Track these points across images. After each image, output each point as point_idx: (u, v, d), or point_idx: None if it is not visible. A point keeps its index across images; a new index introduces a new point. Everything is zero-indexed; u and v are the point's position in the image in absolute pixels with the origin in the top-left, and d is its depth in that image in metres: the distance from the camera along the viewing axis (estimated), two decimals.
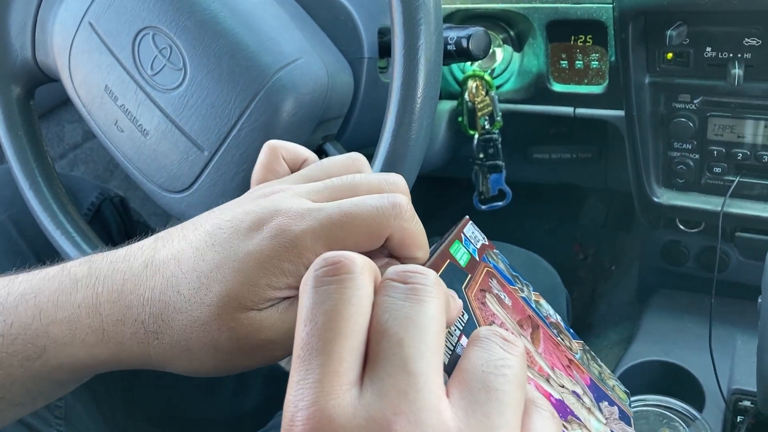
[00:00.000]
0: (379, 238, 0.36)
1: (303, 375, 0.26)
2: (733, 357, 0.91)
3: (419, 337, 0.27)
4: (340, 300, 0.27)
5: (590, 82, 0.87)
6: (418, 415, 0.25)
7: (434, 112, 0.56)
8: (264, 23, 0.61)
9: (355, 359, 0.27)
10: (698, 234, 0.97)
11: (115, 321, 0.38)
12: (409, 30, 0.53)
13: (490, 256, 0.45)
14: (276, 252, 0.35)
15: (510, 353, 0.29)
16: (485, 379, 0.27)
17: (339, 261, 0.29)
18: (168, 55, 0.60)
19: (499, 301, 0.41)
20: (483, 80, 0.89)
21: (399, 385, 0.26)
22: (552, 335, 0.44)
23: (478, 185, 0.95)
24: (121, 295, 0.38)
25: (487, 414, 0.26)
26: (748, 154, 0.82)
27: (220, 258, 0.36)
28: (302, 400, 0.26)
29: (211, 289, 0.36)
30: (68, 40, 0.65)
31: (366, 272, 0.29)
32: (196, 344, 0.37)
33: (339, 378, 0.26)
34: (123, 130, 0.64)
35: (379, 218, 0.36)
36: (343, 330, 0.27)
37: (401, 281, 0.29)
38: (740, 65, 0.74)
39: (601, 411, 0.42)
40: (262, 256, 0.36)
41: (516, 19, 0.87)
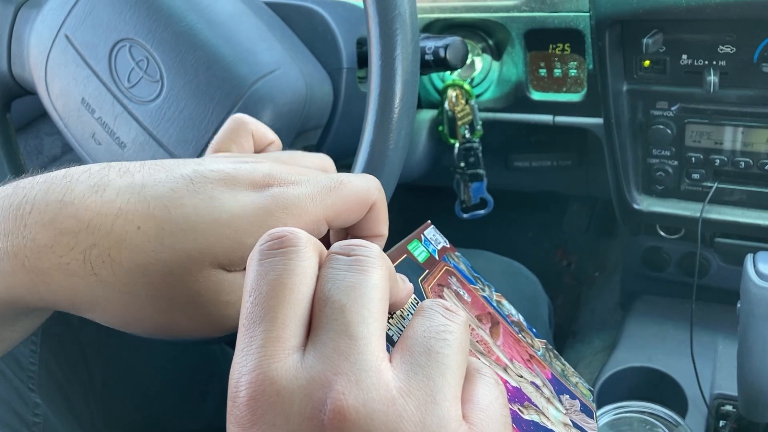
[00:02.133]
0: (366, 206, 0.38)
1: (247, 342, 0.27)
2: (714, 362, 0.91)
3: (361, 303, 0.28)
4: (284, 270, 0.28)
5: (569, 90, 0.88)
6: (359, 375, 0.26)
7: (412, 122, 0.56)
8: (241, 34, 0.61)
9: (297, 326, 0.27)
10: (679, 240, 0.97)
11: (42, 246, 0.32)
12: (385, 40, 0.53)
13: (451, 257, 0.46)
14: (275, 212, 0.35)
15: (451, 320, 0.30)
16: (426, 344, 0.28)
17: (284, 235, 0.29)
18: (145, 67, 0.60)
19: (457, 296, 0.41)
20: (463, 89, 0.89)
21: (340, 347, 0.26)
22: (513, 332, 0.44)
23: (460, 194, 0.95)
24: (56, 217, 0.32)
25: (428, 375, 0.27)
26: (725, 161, 0.82)
27: (205, 206, 0.34)
28: (245, 365, 0.26)
29: (187, 236, 0.33)
30: (44, 52, 0.64)
31: (310, 246, 0.29)
32: (146, 291, 0.33)
33: (281, 343, 0.27)
34: (100, 143, 0.63)
35: (368, 188, 0.38)
36: (286, 298, 0.27)
37: (345, 254, 0.29)
38: (716, 72, 0.75)
39: (561, 402, 0.42)
40: (259, 213, 0.34)
41: (494, 28, 0.87)
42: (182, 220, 0.33)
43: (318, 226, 0.36)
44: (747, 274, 0.66)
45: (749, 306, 0.65)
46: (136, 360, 0.81)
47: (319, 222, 0.36)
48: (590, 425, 0.43)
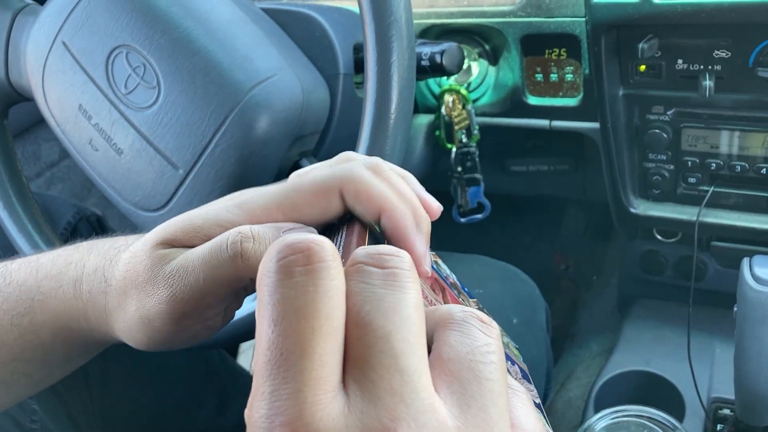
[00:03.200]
0: (331, 191, 0.36)
1: (278, 384, 0.22)
2: (712, 366, 0.92)
3: (406, 329, 0.24)
4: (316, 294, 0.24)
5: (565, 95, 0.88)
6: (419, 420, 0.22)
7: (409, 128, 0.56)
8: (238, 41, 0.61)
9: (337, 361, 0.23)
10: (675, 244, 0.98)
11: (92, 270, 0.40)
12: (381, 46, 0.53)
13: None
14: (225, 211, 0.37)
15: (490, 336, 0.26)
16: (473, 368, 0.25)
17: (308, 247, 0.25)
18: (142, 73, 0.60)
19: None
20: (459, 94, 0.89)
21: (393, 386, 0.23)
22: (455, 296, 0.44)
23: (457, 198, 0.95)
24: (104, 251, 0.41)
25: (482, 407, 0.24)
26: (721, 164, 0.83)
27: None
28: (281, 414, 0.22)
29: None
30: (41, 59, 0.64)
31: (338, 258, 0.25)
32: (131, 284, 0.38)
33: (323, 384, 0.23)
34: (97, 149, 0.63)
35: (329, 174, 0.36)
36: (324, 328, 0.23)
37: (377, 265, 0.26)
38: (711, 77, 0.75)
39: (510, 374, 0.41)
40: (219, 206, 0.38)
41: (491, 33, 0.88)
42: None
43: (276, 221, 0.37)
44: (743, 278, 0.66)
45: (745, 310, 0.65)
46: (134, 366, 0.81)
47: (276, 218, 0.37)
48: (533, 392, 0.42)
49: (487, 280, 0.85)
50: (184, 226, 0.38)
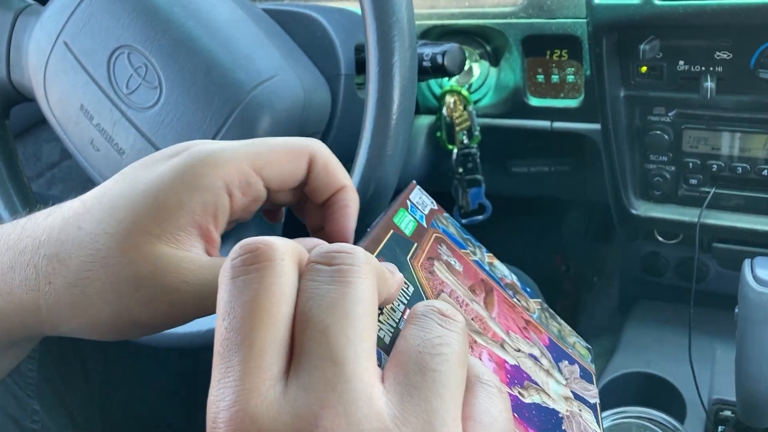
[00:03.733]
0: (300, 156, 0.36)
1: (223, 372, 0.24)
2: (713, 367, 0.91)
3: (346, 322, 0.25)
4: (259, 289, 0.25)
5: (566, 96, 0.88)
6: (348, 407, 0.24)
7: (410, 128, 0.56)
8: (239, 41, 0.62)
9: (277, 352, 0.25)
10: (677, 245, 0.97)
11: (6, 269, 0.35)
12: (383, 47, 0.53)
13: (439, 221, 0.44)
14: (190, 168, 0.33)
15: (448, 329, 0.27)
16: (421, 360, 0.26)
17: (257, 248, 0.26)
18: (143, 73, 0.60)
19: (448, 267, 0.40)
20: (461, 95, 0.89)
21: (326, 376, 0.24)
22: (507, 297, 0.43)
23: (458, 199, 0.95)
24: (17, 241, 0.35)
25: (424, 398, 0.25)
26: (723, 166, 0.83)
27: (126, 186, 0.34)
28: (223, 399, 0.24)
29: (114, 216, 0.33)
30: (43, 59, 0.64)
31: (288, 257, 0.27)
32: (93, 284, 0.33)
33: (261, 373, 0.24)
34: (99, 149, 0.63)
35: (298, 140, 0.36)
36: (264, 321, 0.25)
37: (326, 263, 0.27)
38: (712, 78, 0.75)
39: (560, 371, 0.41)
40: (173, 173, 0.33)
41: (492, 34, 0.88)
42: (109, 205, 0.34)
43: (246, 177, 0.35)
44: (745, 280, 0.66)
45: (747, 311, 0.65)
46: (135, 367, 0.81)
47: (247, 173, 0.34)
48: (590, 392, 0.42)
49: None
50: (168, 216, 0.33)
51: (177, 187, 0.33)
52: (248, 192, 0.35)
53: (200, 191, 0.33)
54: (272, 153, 0.35)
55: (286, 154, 0.35)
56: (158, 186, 0.33)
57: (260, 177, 0.35)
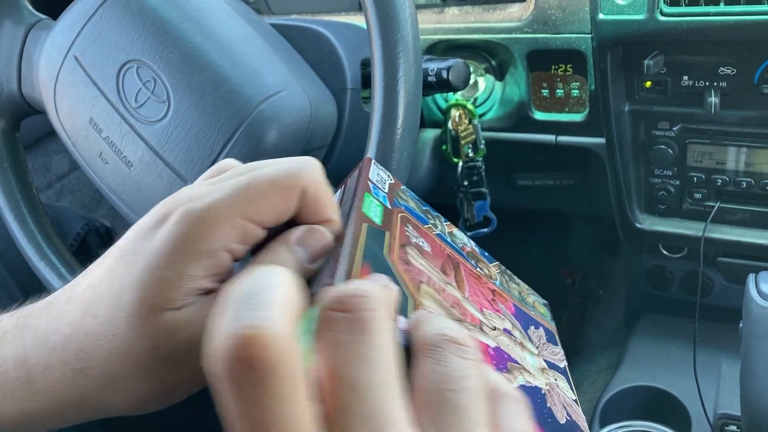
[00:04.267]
0: (293, 191, 0.34)
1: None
2: (718, 381, 0.91)
3: (375, 374, 0.24)
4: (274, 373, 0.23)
5: (571, 111, 0.88)
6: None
7: (415, 143, 0.57)
8: (247, 56, 0.62)
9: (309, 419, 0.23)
10: (682, 259, 0.98)
11: (42, 368, 0.35)
12: (388, 62, 0.54)
13: (400, 197, 0.42)
14: (184, 235, 0.32)
15: (465, 358, 0.27)
16: (448, 399, 0.25)
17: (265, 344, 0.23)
18: (152, 87, 0.61)
19: (419, 250, 0.39)
20: (466, 109, 0.90)
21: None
22: (472, 268, 0.42)
23: (464, 212, 0.96)
24: (46, 339, 0.35)
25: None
26: (727, 180, 0.83)
27: (129, 265, 0.34)
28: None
29: (122, 299, 0.33)
30: (53, 73, 0.65)
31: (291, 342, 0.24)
32: (122, 369, 0.34)
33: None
34: (107, 162, 0.64)
35: (287, 172, 0.34)
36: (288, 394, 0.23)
37: (342, 310, 0.25)
38: (716, 93, 0.76)
39: (531, 340, 0.41)
40: (169, 244, 0.33)
41: (497, 49, 0.88)
42: (117, 289, 0.34)
43: (242, 229, 0.33)
44: (749, 294, 0.66)
45: (751, 326, 0.65)
46: None
47: (242, 225, 0.33)
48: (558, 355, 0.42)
49: None
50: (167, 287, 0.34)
51: (174, 259, 0.33)
52: (248, 240, 0.34)
53: (198, 258, 0.33)
54: (263, 197, 0.33)
55: (277, 193, 0.34)
56: (157, 259, 0.33)
57: (255, 223, 0.34)
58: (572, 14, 0.82)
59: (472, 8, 0.89)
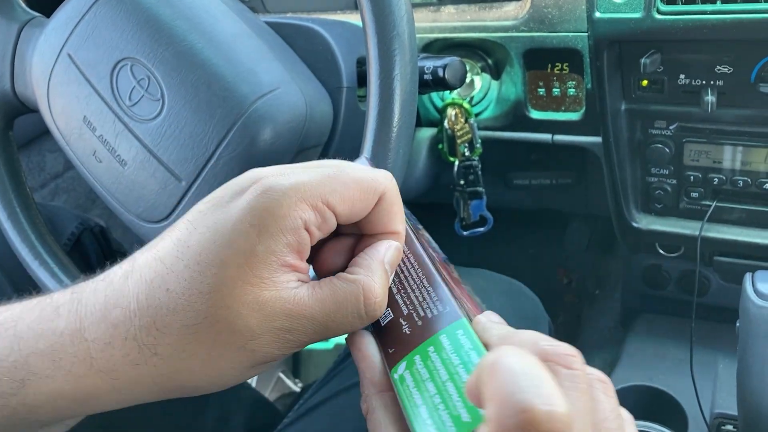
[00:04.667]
0: (374, 194, 0.35)
1: None
2: (715, 381, 0.91)
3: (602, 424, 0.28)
4: None
5: (567, 109, 0.88)
6: None
7: (410, 141, 0.56)
8: (242, 54, 0.62)
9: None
10: (678, 258, 0.97)
11: (104, 345, 0.33)
12: (384, 60, 0.53)
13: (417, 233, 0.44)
14: (269, 209, 0.33)
15: (612, 397, 0.30)
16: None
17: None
18: (146, 85, 0.61)
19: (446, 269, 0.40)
20: (462, 108, 0.89)
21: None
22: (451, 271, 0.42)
23: (460, 211, 0.95)
24: (105, 313, 0.34)
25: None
26: (724, 179, 0.83)
27: (206, 238, 0.33)
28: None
29: (204, 274, 0.32)
30: (47, 71, 0.65)
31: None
32: (202, 347, 0.33)
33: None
34: (101, 161, 0.64)
35: (374, 177, 0.36)
36: None
37: (567, 366, 0.29)
38: (713, 92, 0.76)
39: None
40: (254, 217, 0.32)
41: (493, 48, 0.88)
42: (194, 262, 0.33)
43: (322, 214, 0.34)
44: (746, 294, 0.66)
45: (748, 325, 0.65)
46: None
47: (322, 210, 0.34)
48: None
49: (489, 294, 0.85)
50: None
51: (261, 233, 0.32)
52: (324, 228, 0.35)
53: (283, 234, 0.33)
54: (346, 190, 0.34)
55: (359, 192, 0.35)
56: (240, 234, 0.32)
57: (333, 213, 0.35)
58: (569, 12, 0.81)
59: (468, 6, 0.89)
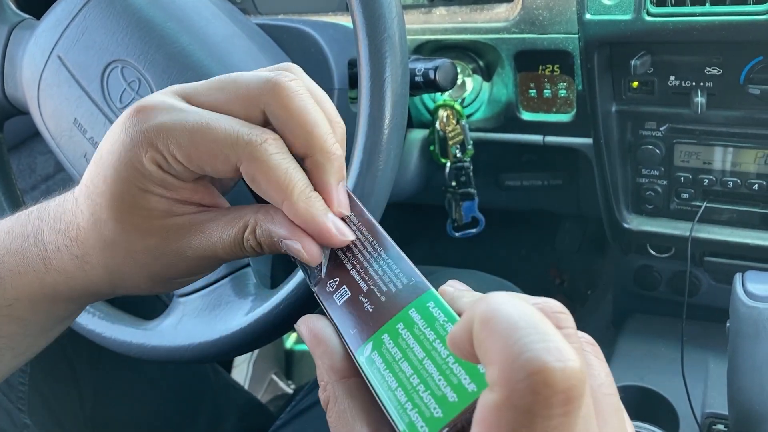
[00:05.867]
0: (225, 163, 0.35)
1: None
2: (706, 381, 0.92)
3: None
4: None
5: (558, 111, 0.88)
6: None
7: (401, 143, 0.57)
8: (233, 56, 0.62)
9: None
10: (669, 259, 0.98)
11: (54, 248, 0.39)
12: (374, 62, 0.53)
13: None
14: (133, 145, 0.35)
15: (600, 359, 0.30)
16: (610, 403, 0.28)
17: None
18: (137, 87, 0.60)
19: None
20: (453, 109, 0.90)
21: None
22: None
23: (452, 213, 0.96)
24: (56, 222, 0.39)
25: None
26: (714, 180, 0.83)
27: (98, 165, 0.37)
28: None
29: (102, 198, 0.37)
30: (37, 73, 0.65)
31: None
32: (112, 261, 0.38)
33: None
34: None
35: (232, 139, 0.34)
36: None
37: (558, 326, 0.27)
38: (703, 93, 0.76)
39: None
40: (123, 147, 0.35)
41: (484, 49, 0.88)
42: (95, 177, 0.38)
43: (166, 157, 0.35)
44: (735, 294, 0.66)
45: (738, 325, 0.66)
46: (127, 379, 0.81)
47: (165, 156, 0.35)
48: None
49: None
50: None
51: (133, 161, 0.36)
52: (170, 168, 0.36)
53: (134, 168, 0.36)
54: (195, 148, 0.35)
55: (210, 153, 0.35)
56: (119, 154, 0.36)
57: (179, 161, 0.36)
58: (559, 14, 0.82)
59: (459, 8, 0.89)
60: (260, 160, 0.34)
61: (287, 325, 0.55)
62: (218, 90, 0.37)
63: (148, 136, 0.34)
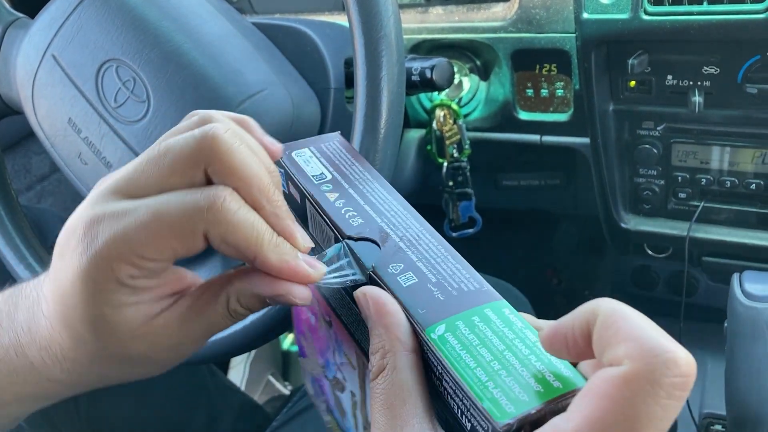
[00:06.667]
0: (193, 237, 0.33)
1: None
2: (703, 381, 0.91)
3: None
4: None
5: (556, 110, 0.88)
6: None
7: (398, 142, 0.56)
8: (228, 55, 0.62)
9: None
10: (667, 259, 0.98)
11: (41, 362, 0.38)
12: (371, 61, 0.53)
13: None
14: (89, 272, 0.33)
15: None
16: None
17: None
18: (132, 87, 0.60)
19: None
20: (450, 109, 0.89)
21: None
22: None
23: (449, 213, 0.95)
24: (33, 335, 0.38)
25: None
26: (711, 180, 0.83)
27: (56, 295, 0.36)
28: None
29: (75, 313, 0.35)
30: (31, 72, 0.64)
31: None
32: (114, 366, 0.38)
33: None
34: (86, 163, 0.63)
35: (190, 212, 0.33)
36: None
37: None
38: (700, 93, 0.76)
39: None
40: (86, 275, 0.34)
41: (481, 48, 0.88)
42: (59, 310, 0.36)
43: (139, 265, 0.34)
44: (733, 294, 0.66)
45: (736, 325, 0.65)
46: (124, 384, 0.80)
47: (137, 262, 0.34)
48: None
49: None
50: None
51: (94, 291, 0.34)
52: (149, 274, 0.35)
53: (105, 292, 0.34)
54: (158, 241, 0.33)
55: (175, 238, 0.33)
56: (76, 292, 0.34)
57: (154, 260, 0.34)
58: (556, 13, 0.81)
59: (456, 7, 0.89)
60: (225, 221, 0.33)
61: (283, 325, 0.55)
62: (153, 168, 0.35)
63: (109, 252, 0.33)
